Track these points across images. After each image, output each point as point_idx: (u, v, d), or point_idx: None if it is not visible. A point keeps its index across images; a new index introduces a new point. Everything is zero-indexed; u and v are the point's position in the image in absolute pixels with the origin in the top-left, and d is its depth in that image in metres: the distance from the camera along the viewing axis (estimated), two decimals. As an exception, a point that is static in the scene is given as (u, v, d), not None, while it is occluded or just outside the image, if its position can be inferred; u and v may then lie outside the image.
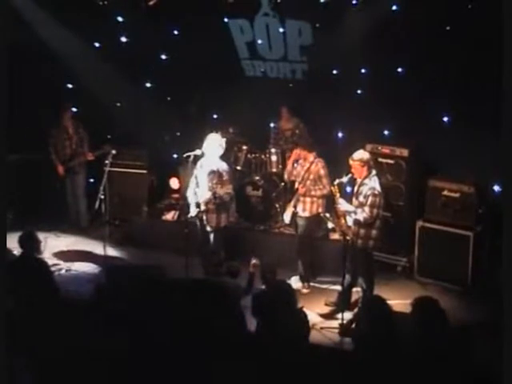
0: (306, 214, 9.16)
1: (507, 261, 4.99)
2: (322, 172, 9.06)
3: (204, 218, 9.14)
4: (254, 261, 7.80)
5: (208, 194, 8.96)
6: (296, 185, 9.29)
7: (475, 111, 9.16)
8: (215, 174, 9.02)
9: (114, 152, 9.81)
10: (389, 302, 5.87)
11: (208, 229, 9.17)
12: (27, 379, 5.95)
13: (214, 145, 9.10)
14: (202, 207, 9.06)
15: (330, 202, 8.91)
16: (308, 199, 9.13)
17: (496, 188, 9.32)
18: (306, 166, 9.19)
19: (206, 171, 9.09)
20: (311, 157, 9.15)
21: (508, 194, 5.09)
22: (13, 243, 9.50)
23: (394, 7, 9.64)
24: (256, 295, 7.29)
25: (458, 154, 9.53)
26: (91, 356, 5.75)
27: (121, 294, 6.75)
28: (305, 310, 6.72)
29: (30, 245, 7.68)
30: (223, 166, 9.15)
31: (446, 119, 9.58)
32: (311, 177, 9.10)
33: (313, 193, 9.07)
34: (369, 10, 9.66)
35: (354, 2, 10.06)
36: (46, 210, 10.95)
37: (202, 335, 5.89)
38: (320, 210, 9.08)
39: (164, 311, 6.27)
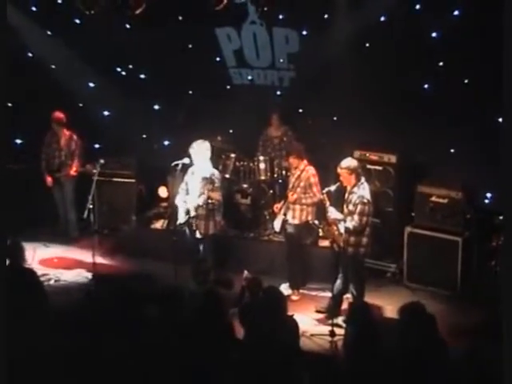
0: (296, 221, 9.17)
1: (507, 261, 5.01)
2: (313, 180, 9.06)
3: (194, 224, 9.15)
4: (245, 274, 7.81)
5: (200, 200, 8.98)
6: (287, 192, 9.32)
7: (463, 117, 9.21)
8: (208, 181, 9.04)
9: (102, 161, 9.79)
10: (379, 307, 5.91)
11: (198, 236, 9.18)
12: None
13: (201, 150, 9.10)
14: (193, 213, 9.07)
15: (320, 209, 8.92)
16: (298, 207, 9.14)
17: (487, 195, 9.37)
18: (296, 173, 9.20)
19: (197, 178, 9.11)
20: (302, 165, 9.16)
21: (508, 195, 5.10)
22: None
23: (382, 17, 9.68)
24: (244, 305, 7.30)
25: (446, 160, 9.58)
26: (80, 364, 5.73)
27: (110, 303, 6.74)
28: (295, 317, 6.75)
29: (17, 254, 7.62)
30: (215, 173, 9.21)
31: (434, 124, 9.59)
32: (301, 184, 9.10)
33: (303, 201, 9.08)
34: (356, 18, 9.70)
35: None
36: (35, 219, 10.91)
37: (192, 343, 5.88)
38: (309, 217, 9.09)
39: (153, 320, 6.26)
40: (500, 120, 7.74)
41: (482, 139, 8.85)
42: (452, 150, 9.63)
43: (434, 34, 9.41)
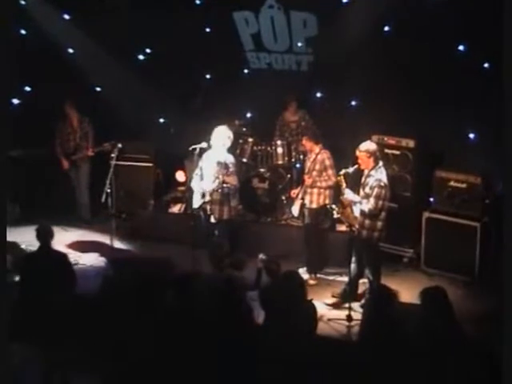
0: (314, 205, 9.17)
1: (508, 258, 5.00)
2: (328, 163, 9.06)
3: (208, 208, 9.18)
4: (261, 256, 7.83)
5: (214, 184, 9.02)
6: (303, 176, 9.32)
7: (482, 101, 9.15)
8: (222, 166, 9.07)
9: (119, 145, 9.83)
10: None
11: (212, 220, 9.20)
12: (36, 370, 6.00)
13: (221, 137, 9.15)
14: (207, 198, 9.10)
15: (337, 193, 8.90)
16: (315, 190, 9.14)
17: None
18: (312, 157, 9.20)
19: (212, 162, 9.14)
20: (317, 148, 9.16)
21: (509, 189, 5.08)
22: (20, 237, 9.60)
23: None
24: (264, 287, 7.31)
25: (465, 145, 9.53)
26: (100, 348, 5.78)
27: (127, 286, 6.77)
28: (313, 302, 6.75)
29: (48, 237, 7.72)
30: (230, 158, 9.22)
31: (453, 109, 9.52)
32: (317, 167, 9.10)
33: (318, 184, 9.08)
34: (375, 1, 9.64)
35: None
36: (54, 204, 10.98)
37: (209, 328, 5.90)
38: (327, 201, 9.09)
39: (171, 305, 6.28)
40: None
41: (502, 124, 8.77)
42: (471, 135, 9.57)
43: (453, 18, 9.31)
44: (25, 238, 9.50)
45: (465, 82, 9.30)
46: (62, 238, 10.41)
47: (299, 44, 11.04)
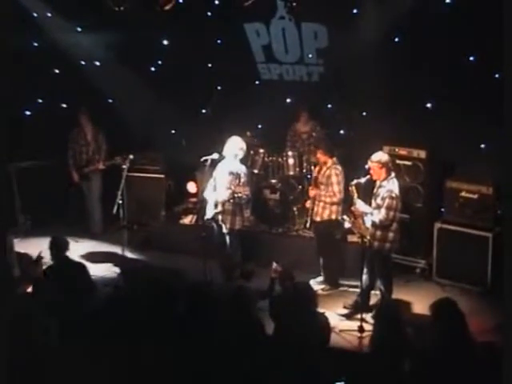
0: (318, 218, 9.14)
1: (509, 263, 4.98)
2: (334, 179, 8.96)
3: (220, 218, 9.19)
4: (274, 266, 7.82)
5: (226, 194, 9.03)
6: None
7: (494, 111, 9.11)
8: (234, 176, 9.10)
9: (131, 157, 9.86)
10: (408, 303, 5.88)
11: (224, 230, 9.21)
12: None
13: (234, 148, 9.19)
14: (219, 208, 9.12)
15: (347, 205, 8.86)
16: (321, 204, 9.09)
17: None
18: (322, 170, 9.16)
19: (225, 173, 9.17)
20: (329, 162, 9.11)
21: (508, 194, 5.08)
22: (31, 249, 9.64)
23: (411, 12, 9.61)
24: (274, 298, 7.31)
25: (477, 155, 9.50)
26: (110, 358, 5.77)
27: (139, 297, 6.78)
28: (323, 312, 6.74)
29: (60, 250, 7.72)
30: (242, 169, 9.25)
31: (464, 119, 9.50)
32: (323, 181, 9.06)
33: (323, 198, 9.03)
34: (385, 12, 9.65)
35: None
36: (65, 215, 11.00)
37: (220, 338, 5.89)
38: (333, 216, 9.01)
39: (181, 315, 6.28)
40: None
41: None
42: (482, 145, 9.55)
43: (463, 28, 9.31)
44: (36, 249, 9.53)
45: (476, 92, 9.28)
46: (74, 250, 10.44)
47: (310, 55, 11.05)
